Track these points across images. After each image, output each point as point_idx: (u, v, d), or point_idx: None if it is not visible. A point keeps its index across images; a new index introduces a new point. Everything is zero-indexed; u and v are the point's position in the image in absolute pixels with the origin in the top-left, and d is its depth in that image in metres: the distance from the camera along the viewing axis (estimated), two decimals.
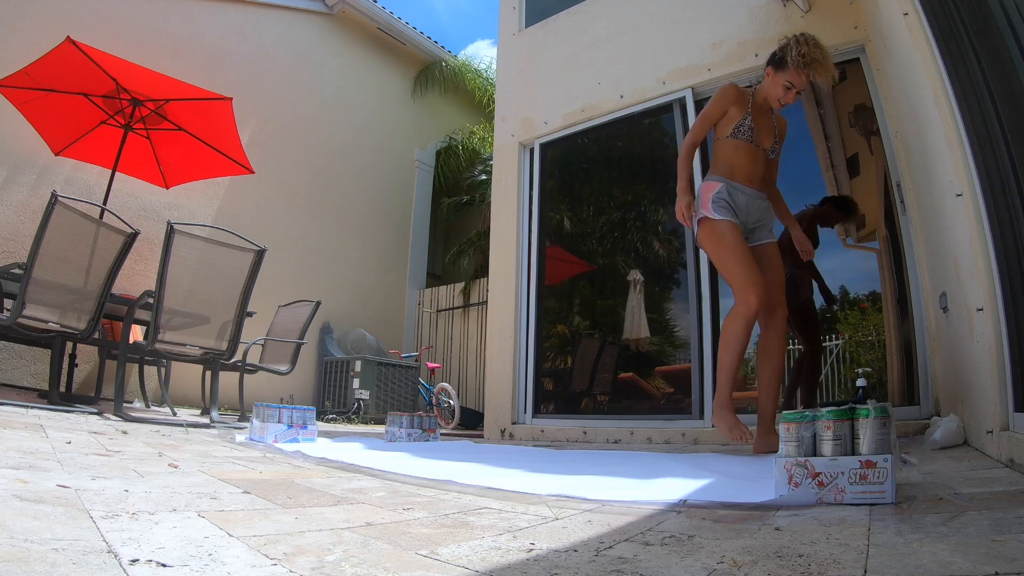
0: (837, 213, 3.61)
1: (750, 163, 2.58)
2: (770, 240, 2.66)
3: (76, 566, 0.68)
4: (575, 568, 0.79)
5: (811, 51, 2.44)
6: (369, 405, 6.09)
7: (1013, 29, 1.44)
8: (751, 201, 2.58)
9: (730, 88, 2.65)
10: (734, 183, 2.56)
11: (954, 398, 2.32)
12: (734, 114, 2.59)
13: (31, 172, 4.92)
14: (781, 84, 2.53)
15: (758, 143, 2.59)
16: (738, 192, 2.55)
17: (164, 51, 5.65)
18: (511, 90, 5.01)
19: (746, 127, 2.57)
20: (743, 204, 2.56)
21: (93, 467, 1.44)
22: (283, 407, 2.87)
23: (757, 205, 2.60)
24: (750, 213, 2.58)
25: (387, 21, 7.95)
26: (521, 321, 4.45)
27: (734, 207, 2.53)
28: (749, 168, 2.58)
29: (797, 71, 2.47)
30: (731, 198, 2.53)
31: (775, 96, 2.57)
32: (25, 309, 2.96)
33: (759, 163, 2.60)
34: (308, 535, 0.94)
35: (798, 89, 2.52)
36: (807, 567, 0.77)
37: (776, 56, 2.56)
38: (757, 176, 2.60)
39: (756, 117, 2.60)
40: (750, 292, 2.40)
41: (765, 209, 2.65)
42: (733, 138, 2.59)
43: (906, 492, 1.26)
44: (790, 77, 2.49)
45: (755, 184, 2.60)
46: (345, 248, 7.36)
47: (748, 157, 2.58)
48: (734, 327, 2.44)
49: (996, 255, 1.65)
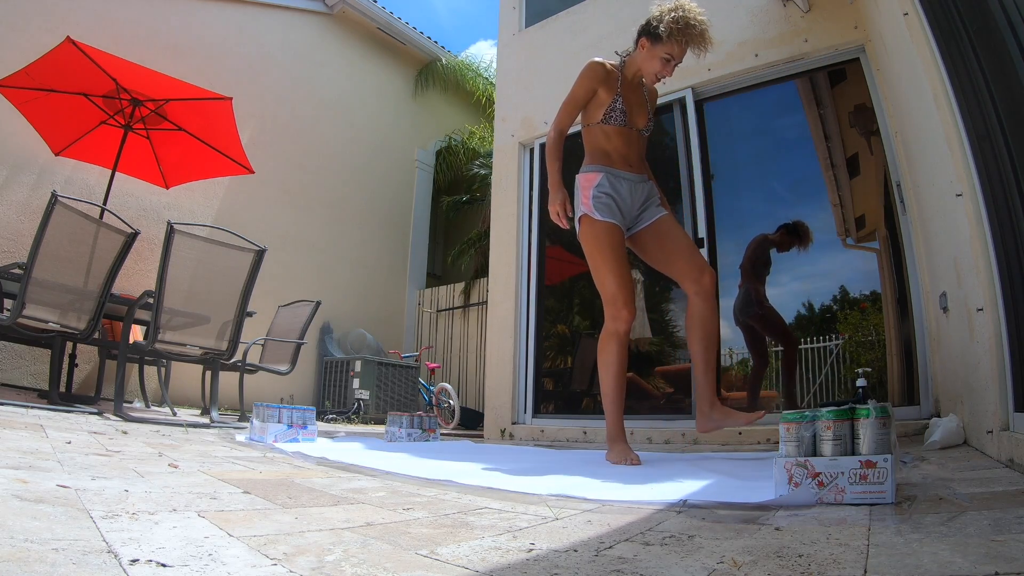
0: (789, 238, 3.80)
1: (626, 147, 2.40)
2: (662, 214, 2.45)
3: (76, 566, 0.68)
4: (575, 568, 0.79)
5: (687, 18, 2.25)
6: (369, 405, 6.09)
7: (1013, 29, 1.44)
8: (633, 186, 2.40)
9: (596, 66, 2.40)
10: (614, 170, 2.37)
11: (954, 398, 2.32)
12: (603, 96, 2.38)
13: (31, 172, 4.92)
14: (659, 57, 2.32)
15: (632, 124, 2.41)
16: (619, 180, 2.37)
17: (164, 51, 5.66)
18: (511, 90, 5.01)
19: (618, 111, 2.37)
20: (625, 192, 2.37)
21: (93, 467, 1.44)
22: (283, 407, 2.87)
23: (640, 189, 2.42)
24: (634, 199, 2.40)
25: (387, 21, 7.95)
26: (521, 321, 4.45)
27: (617, 198, 2.35)
28: (626, 152, 2.39)
29: (675, 42, 2.28)
30: (613, 189, 2.35)
31: (652, 70, 2.36)
32: (25, 309, 2.96)
33: (635, 145, 2.43)
34: (308, 535, 0.94)
35: (677, 61, 2.33)
36: (807, 567, 0.77)
37: (651, 27, 2.33)
38: (635, 158, 2.42)
39: (627, 95, 2.40)
40: (621, 307, 2.25)
41: (649, 191, 2.46)
42: (605, 123, 2.38)
43: (906, 492, 1.26)
44: (668, 49, 2.29)
45: (634, 168, 2.41)
46: (345, 248, 7.36)
47: (623, 141, 2.39)
48: (608, 348, 2.28)
49: (996, 255, 1.65)
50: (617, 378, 2.29)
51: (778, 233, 3.85)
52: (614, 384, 2.29)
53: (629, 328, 2.28)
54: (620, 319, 2.27)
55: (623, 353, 2.29)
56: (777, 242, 3.84)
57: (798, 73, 3.63)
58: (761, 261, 3.85)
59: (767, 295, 3.84)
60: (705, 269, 2.36)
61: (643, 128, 2.46)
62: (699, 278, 2.33)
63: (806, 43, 3.47)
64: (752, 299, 3.79)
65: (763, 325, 3.82)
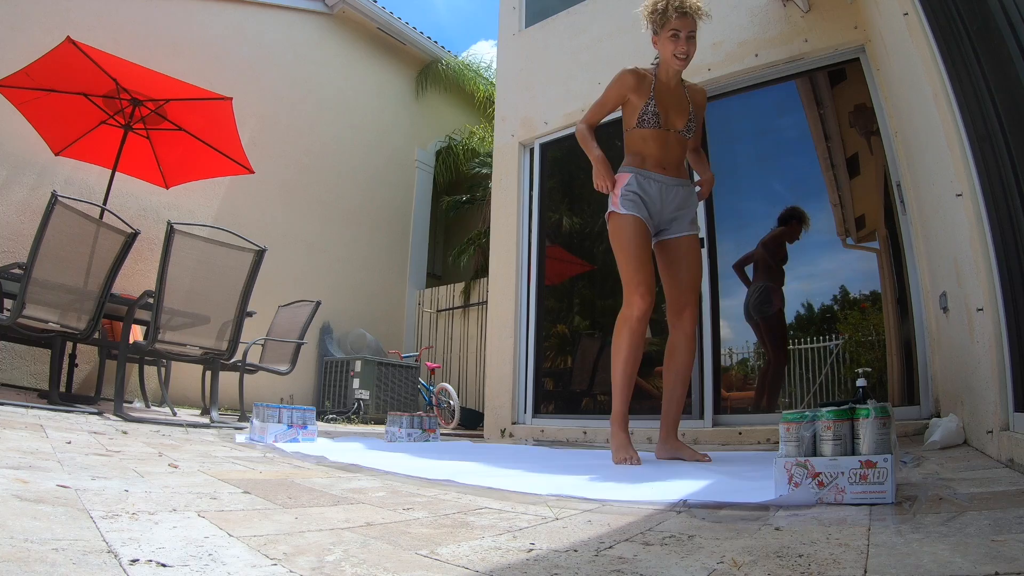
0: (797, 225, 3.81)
1: (660, 149, 2.43)
2: (690, 232, 2.47)
3: (76, 566, 0.68)
4: (575, 568, 0.79)
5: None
6: (369, 405, 6.09)
7: (1013, 29, 1.44)
8: (665, 189, 2.42)
9: (626, 74, 2.46)
10: (644, 171, 2.42)
11: (954, 398, 2.32)
12: (636, 101, 2.44)
13: (31, 172, 4.92)
14: (667, 39, 2.35)
15: (668, 126, 2.43)
16: (649, 181, 2.41)
17: (164, 51, 5.65)
18: (511, 90, 5.01)
19: (650, 113, 2.41)
20: (655, 193, 2.40)
21: (93, 467, 1.44)
22: (283, 407, 2.87)
23: (674, 193, 2.44)
24: (664, 202, 2.42)
25: (387, 21, 7.95)
26: (521, 321, 4.45)
27: (644, 197, 2.39)
28: (660, 155, 2.43)
29: (668, 16, 2.32)
30: (641, 189, 2.39)
31: (670, 54, 2.37)
32: (25, 309, 2.96)
33: (672, 147, 2.45)
34: (308, 535, 0.94)
35: (686, 31, 2.33)
36: (807, 567, 0.77)
37: (647, 21, 2.41)
38: (671, 161, 2.45)
39: (661, 98, 2.43)
40: (634, 293, 2.30)
41: (684, 197, 2.47)
42: (640, 128, 2.44)
43: (906, 492, 1.26)
44: (668, 28, 2.33)
45: (669, 171, 2.44)
46: (345, 248, 7.36)
47: (657, 143, 2.43)
48: (620, 333, 2.33)
49: (996, 255, 1.65)
50: (625, 363, 2.31)
51: (788, 225, 3.83)
52: (621, 368, 2.32)
53: (643, 315, 2.30)
54: (632, 304, 2.30)
55: (634, 339, 2.31)
56: (789, 233, 3.83)
57: (798, 73, 3.63)
58: (779, 257, 3.84)
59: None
60: (687, 306, 2.41)
61: (682, 129, 2.46)
62: (680, 312, 2.41)
63: (806, 43, 3.47)
64: (771, 299, 3.77)
65: (768, 327, 3.82)
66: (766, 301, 3.75)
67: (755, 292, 3.82)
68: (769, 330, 3.81)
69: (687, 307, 2.41)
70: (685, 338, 2.40)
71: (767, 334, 3.85)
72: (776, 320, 3.78)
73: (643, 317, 2.30)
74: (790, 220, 3.83)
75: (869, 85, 3.28)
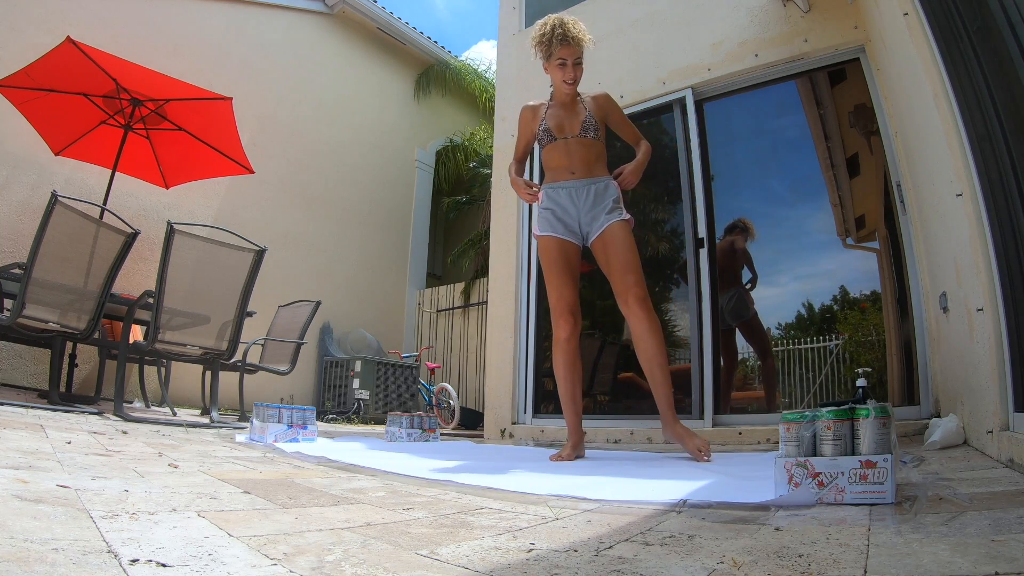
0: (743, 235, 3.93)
1: (563, 157, 2.57)
2: (615, 219, 2.49)
3: (76, 566, 0.68)
4: (575, 568, 0.79)
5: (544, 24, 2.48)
6: (369, 405, 6.09)
7: (1013, 29, 1.44)
8: (575, 192, 2.53)
9: (523, 110, 2.70)
10: (553, 184, 2.58)
11: (954, 398, 2.32)
12: (536, 128, 2.63)
13: (31, 172, 4.92)
14: (555, 67, 2.50)
15: (564, 134, 2.57)
16: (558, 191, 2.56)
17: (164, 51, 5.65)
18: (511, 90, 5.01)
19: (542, 131, 2.59)
20: (565, 200, 2.54)
21: (93, 467, 1.44)
22: (283, 407, 2.87)
23: (586, 192, 2.53)
24: (579, 204, 2.53)
25: (387, 21, 7.95)
26: (521, 321, 4.45)
27: (556, 210, 2.55)
28: (565, 162, 2.56)
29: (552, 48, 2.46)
30: (552, 201, 2.56)
31: (559, 81, 2.54)
32: (25, 309, 2.96)
33: (574, 151, 2.56)
34: (308, 535, 0.94)
35: (572, 58, 2.47)
36: (807, 567, 0.77)
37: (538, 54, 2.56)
38: (578, 165, 2.55)
39: (554, 115, 2.59)
40: (560, 317, 2.47)
41: (599, 192, 2.53)
42: (541, 146, 2.63)
43: (906, 492, 1.26)
44: (558, 54, 2.46)
45: (578, 173, 2.55)
46: (345, 248, 7.36)
47: (559, 153, 2.58)
48: (555, 356, 2.50)
49: (996, 255, 1.65)
50: (564, 381, 2.49)
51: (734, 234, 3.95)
52: (563, 387, 2.50)
53: (570, 336, 2.46)
54: (559, 327, 2.48)
55: (567, 358, 2.48)
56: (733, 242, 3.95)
57: (798, 73, 3.63)
58: (739, 264, 3.96)
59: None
60: (630, 289, 2.39)
61: (578, 133, 2.56)
62: (625, 299, 2.41)
63: (806, 43, 3.47)
64: (747, 303, 3.88)
65: (749, 330, 3.90)
66: (739, 308, 3.87)
67: (729, 299, 3.87)
68: (751, 332, 3.91)
69: (628, 291, 2.40)
70: (639, 321, 2.37)
71: (750, 337, 3.95)
72: (756, 322, 3.88)
73: (570, 338, 2.47)
74: (733, 229, 3.95)
75: (869, 85, 3.28)
